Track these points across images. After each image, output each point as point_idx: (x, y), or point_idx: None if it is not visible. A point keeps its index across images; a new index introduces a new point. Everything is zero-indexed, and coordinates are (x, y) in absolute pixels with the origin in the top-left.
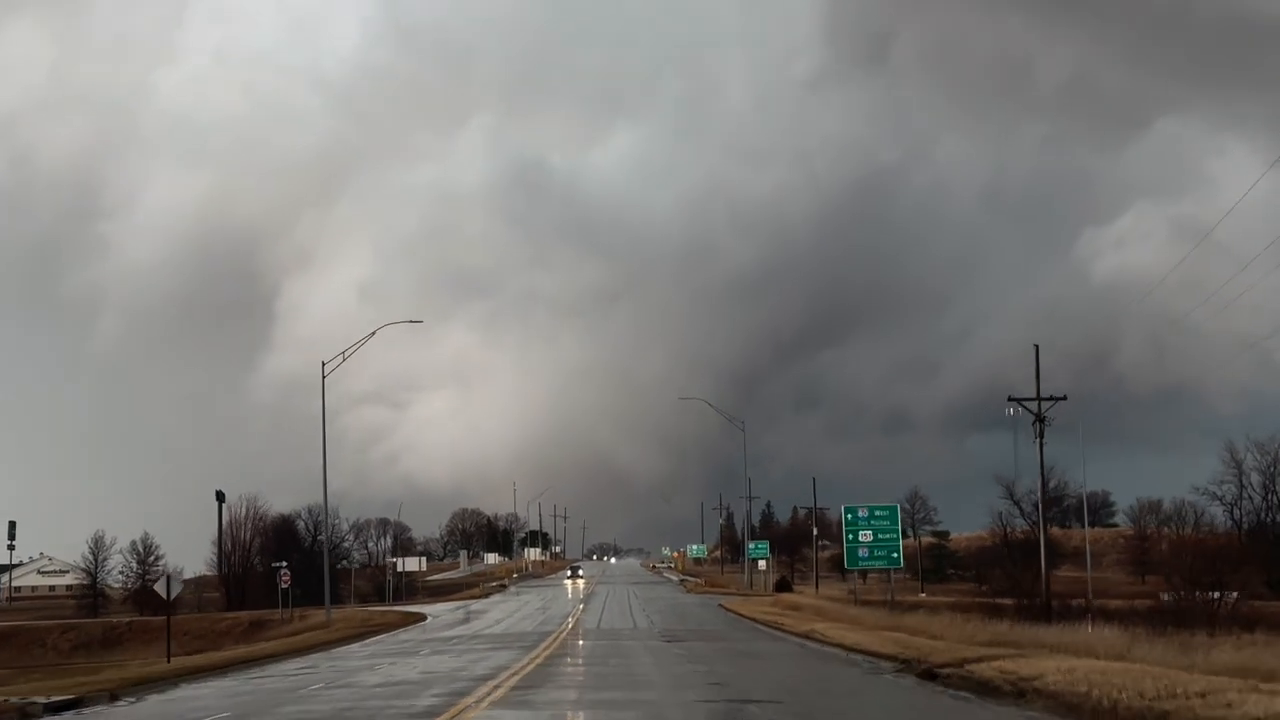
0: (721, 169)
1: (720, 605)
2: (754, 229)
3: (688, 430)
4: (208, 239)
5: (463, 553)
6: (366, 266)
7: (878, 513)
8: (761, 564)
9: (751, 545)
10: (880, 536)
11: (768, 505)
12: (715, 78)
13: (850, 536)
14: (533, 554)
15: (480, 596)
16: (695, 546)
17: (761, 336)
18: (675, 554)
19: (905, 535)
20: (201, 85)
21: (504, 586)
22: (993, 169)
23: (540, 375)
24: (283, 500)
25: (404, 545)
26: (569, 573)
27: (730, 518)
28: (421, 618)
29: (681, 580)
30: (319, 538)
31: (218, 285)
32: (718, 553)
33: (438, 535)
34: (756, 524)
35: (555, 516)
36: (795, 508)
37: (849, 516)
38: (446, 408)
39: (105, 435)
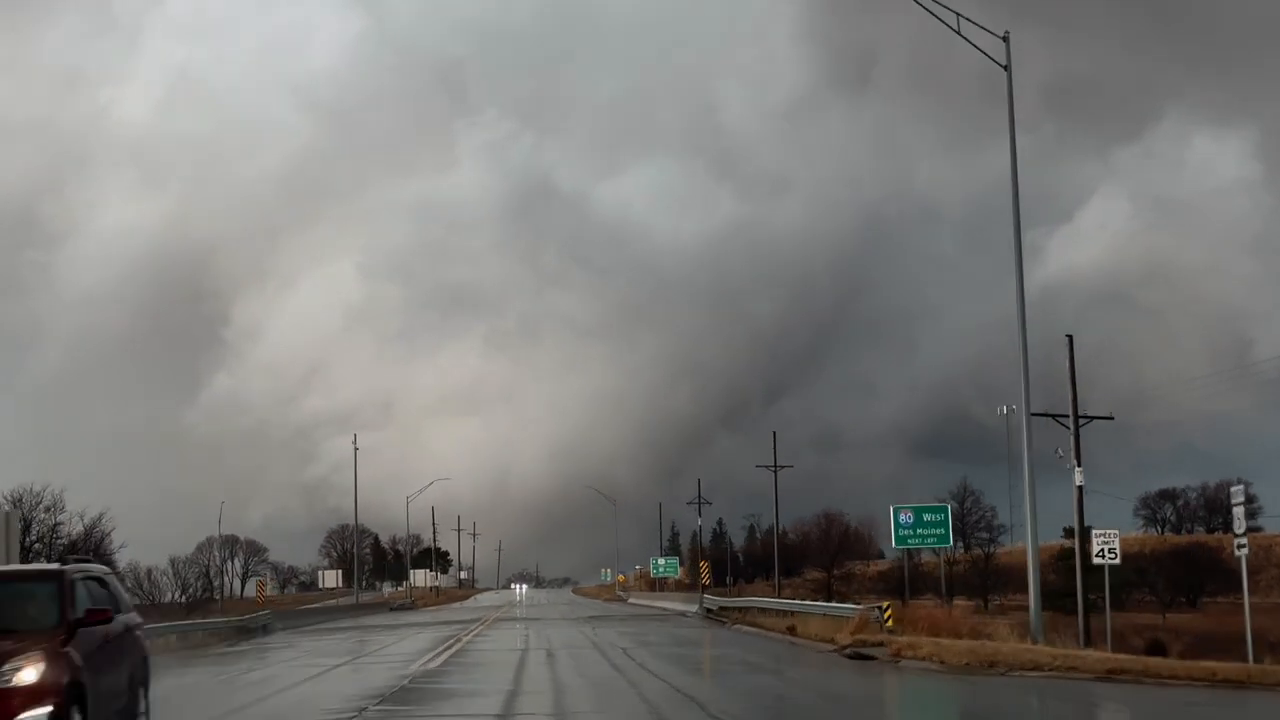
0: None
1: None
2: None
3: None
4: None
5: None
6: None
7: None
8: None
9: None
10: None
11: (719, 523)
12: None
13: None
14: (421, 577)
15: None
16: (662, 561)
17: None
18: (622, 577)
19: (954, 544)
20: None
21: (258, 631)
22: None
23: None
24: None
25: (285, 572)
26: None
27: (676, 536)
28: None
29: (704, 609)
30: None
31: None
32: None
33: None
34: (707, 543)
35: (459, 531)
36: (753, 527)
37: None
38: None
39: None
